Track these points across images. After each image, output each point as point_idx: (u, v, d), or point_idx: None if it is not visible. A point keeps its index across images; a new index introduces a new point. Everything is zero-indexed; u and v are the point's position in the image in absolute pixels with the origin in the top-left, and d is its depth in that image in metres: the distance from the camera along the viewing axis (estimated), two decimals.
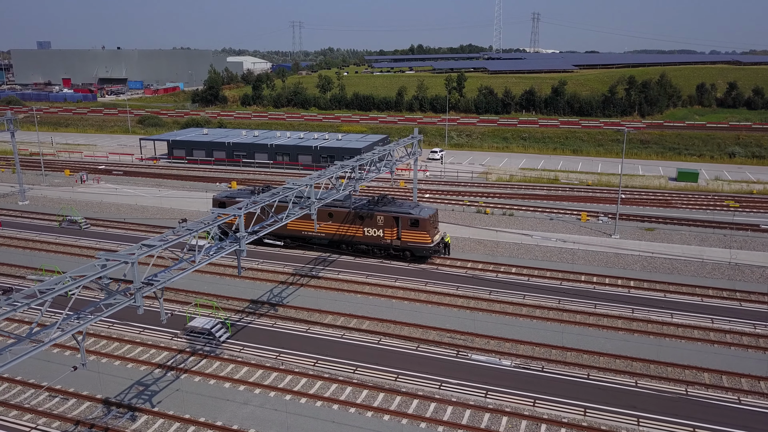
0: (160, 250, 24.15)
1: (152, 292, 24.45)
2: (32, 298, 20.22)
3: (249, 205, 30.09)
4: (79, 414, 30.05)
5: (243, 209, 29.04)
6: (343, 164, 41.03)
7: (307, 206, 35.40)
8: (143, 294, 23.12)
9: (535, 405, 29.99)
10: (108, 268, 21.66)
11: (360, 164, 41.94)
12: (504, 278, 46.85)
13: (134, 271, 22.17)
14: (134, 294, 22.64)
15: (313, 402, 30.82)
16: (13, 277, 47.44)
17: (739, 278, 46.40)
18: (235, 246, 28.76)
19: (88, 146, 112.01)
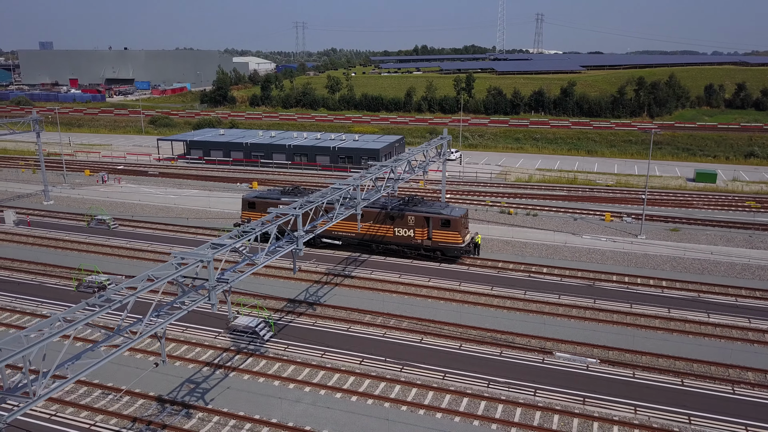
0: (229, 249, 24.50)
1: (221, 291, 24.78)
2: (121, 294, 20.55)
3: (304, 205, 30.41)
4: (134, 411, 30.44)
5: (300, 209, 29.34)
6: (383, 165, 41.43)
7: (353, 206, 35.79)
8: (216, 292, 23.47)
9: (585, 403, 30.36)
10: (185, 267, 22.04)
11: (398, 164, 42.30)
12: (536, 278, 47.24)
13: (210, 269, 22.55)
14: (209, 292, 22.99)
15: (364, 400, 31.20)
16: (49, 276, 47.84)
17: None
18: (292, 246, 29.06)
19: (103, 146, 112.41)
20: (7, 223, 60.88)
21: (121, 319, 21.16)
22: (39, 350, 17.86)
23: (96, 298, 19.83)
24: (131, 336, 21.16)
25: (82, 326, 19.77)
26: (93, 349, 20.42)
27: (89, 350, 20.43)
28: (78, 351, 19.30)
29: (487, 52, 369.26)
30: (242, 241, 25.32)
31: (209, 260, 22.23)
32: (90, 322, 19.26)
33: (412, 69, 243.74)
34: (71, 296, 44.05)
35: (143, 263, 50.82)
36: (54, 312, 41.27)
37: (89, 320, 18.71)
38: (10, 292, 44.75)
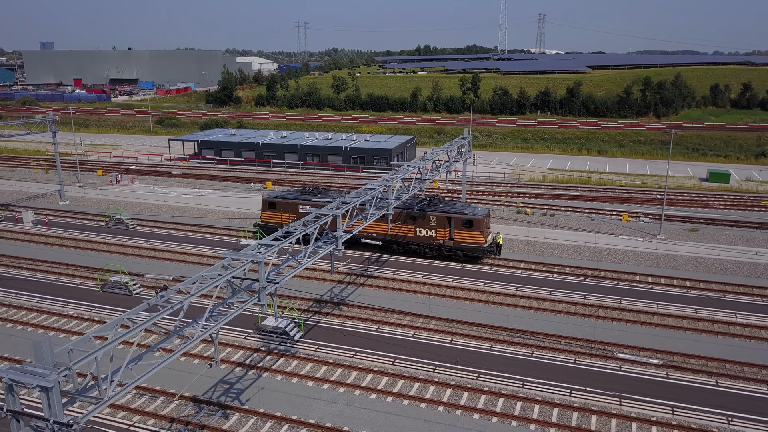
0: (276, 249, 24.50)
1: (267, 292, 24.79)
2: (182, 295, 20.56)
3: (342, 205, 30.42)
4: (170, 412, 30.45)
5: (339, 210, 29.35)
6: (411, 165, 41.45)
7: (385, 207, 35.81)
8: (267, 292, 23.48)
9: (621, 404, 30.37)
10: (238, 268, 22.03)
11: (424, 165, 42.31)
12: (560, 278, 47.26)
13: (261, 270, 22.54)
14: (259, 293, 22.99)
15: (400, 401, 31.21)
16: (72, 276, 47.85)
17: None
18: (331, 246, 29.07)
19: (113, 146, 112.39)
20: (25, 223, 60.88)
21: (176, 322, 21.10)
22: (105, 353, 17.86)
23: (157, 299, 19.79)
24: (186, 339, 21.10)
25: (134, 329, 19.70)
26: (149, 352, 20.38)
27: (148, 352, 20.40)
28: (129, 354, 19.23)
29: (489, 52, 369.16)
30: (288, 241, 25.27)
31: (261, 261, 22.22)
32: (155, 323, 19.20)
33: (416, 69, 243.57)
34: (96, 296, 44.06)
35: (165, 263, 50.82)
36: (80, 312, 41.30)
37: (154, 321, 18.65)
38: (34, 292, 44.76)
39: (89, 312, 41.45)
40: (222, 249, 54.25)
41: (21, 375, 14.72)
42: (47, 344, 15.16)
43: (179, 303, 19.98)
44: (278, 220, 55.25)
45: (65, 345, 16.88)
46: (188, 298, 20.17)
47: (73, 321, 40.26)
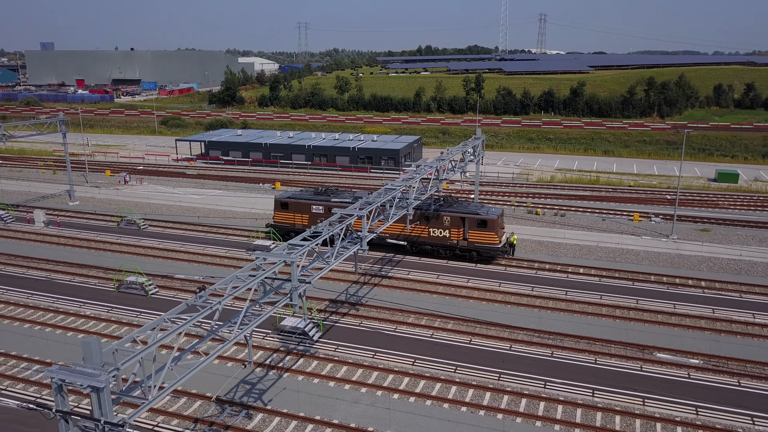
0: (306, 250, 24.48)
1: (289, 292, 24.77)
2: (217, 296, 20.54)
3: (365, 205, 30.40)
4: (193, 412, 30.42)
5: (364, 210, 29.33)
6: (429, 165, 41.44)
7: (405, 207, 35.80)
8: (298, 292, 23.46)
9: (644, 404, 30.37)
10: (271, 269, 22.01)
11: (441, 165, 42.32)
12: (574, 279, 47.26)
13: (293, 270, 22.52)
14: (290, 293, 22.97)
15: (423, 401, 31.19)
16: (86, 276, 47.83)
17: None
18: (356, 246, 29.05)
19: (118, 147, 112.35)
20: (36, 223, 60.85)
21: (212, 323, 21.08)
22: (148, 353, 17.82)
23: (195, 299, 19.77)
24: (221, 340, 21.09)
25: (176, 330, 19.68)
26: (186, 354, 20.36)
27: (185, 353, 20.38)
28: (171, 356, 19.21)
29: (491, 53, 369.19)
30: (317, 241, 25.26)
31: (293, 261, 22.21)
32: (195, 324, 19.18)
33: (419, 69, 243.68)
34: (112, 297, 44.05)
35: (178, 264, 50.78)
36: (97, 313, 41.27)
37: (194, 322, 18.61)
38: (50, 292, 44.74)
39: (106, 312, 41.43)
40: (235, 249, 54.27)
41: (71, 375, 14.70)
42: (96, 344, 15.15)
43: (217, 303, 19.95)
44: (291, 220, 55.24)
45: (110, 345, 16.85)
46: (224, 299, 20.20)
47: (90, 321, 40.23)
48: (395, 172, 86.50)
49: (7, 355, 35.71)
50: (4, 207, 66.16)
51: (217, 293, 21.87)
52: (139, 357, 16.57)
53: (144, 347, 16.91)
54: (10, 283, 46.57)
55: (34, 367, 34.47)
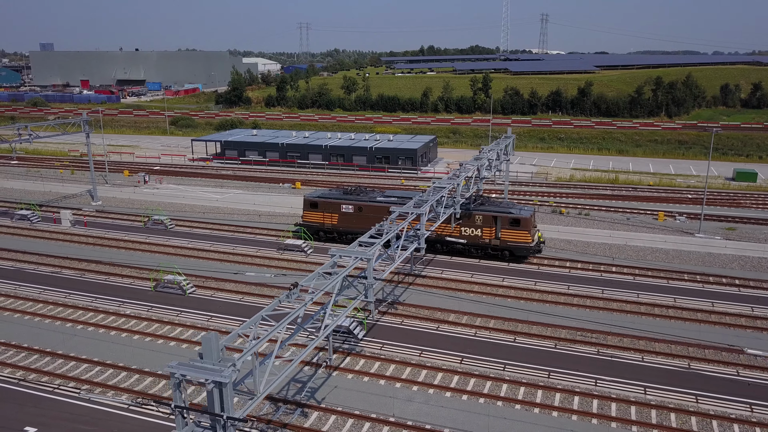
0: (378, 247, 24.58)
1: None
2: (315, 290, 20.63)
3: (422, 204, 30.50)
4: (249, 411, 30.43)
5: (422, 208, 29.44)
6: (471, 164, 41.56)
7: (452, 206, 35.91)
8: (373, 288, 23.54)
9: (698, 402, 30.51)
10: (352, 264, 22.10)
11: (481, 165, 42.46)
12: (609, 277, 47.42)
13: (369, 267, 22.63)
14: (366, 289, 23.07)
15: (475, 399, 31.29)
16: (120, 276, 47.89)
17: None
18: (414, 245, 29.16)
19: (132, 147, 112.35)
20: (63, 223, 60.87)
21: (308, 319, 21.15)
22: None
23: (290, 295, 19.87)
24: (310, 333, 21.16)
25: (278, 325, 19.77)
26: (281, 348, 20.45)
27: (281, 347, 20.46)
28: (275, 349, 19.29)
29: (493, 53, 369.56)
30: (385, 239, 25.37)
31: (370, 258, 22.32)
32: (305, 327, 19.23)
33: (425, 69, 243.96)
34: (149, 296, 44.13)
35: (209, 263, 50.80)
36: (138, 312, 41.33)
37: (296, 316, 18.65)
38: (86, 291, 44.78)
39: (146, 311, 41.50)
40: (265, 249, 54.35)
41: (192, 371, 14.78)
42: (216, 340, 15.23)
43: (310, 299, 20.05)
44: (320, 219, 55.34)
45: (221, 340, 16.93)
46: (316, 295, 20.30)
47: (132, 320, 40.29)
48: (413, 171, 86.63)
49: (54, 354, 35.75)
50: (30, 207, 66.17)
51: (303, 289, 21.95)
52: (251, 352, 16.65)
53: (255, 342, 16.99)
54: (46, 282, 46.63)
55: (83, 366, 34.50)
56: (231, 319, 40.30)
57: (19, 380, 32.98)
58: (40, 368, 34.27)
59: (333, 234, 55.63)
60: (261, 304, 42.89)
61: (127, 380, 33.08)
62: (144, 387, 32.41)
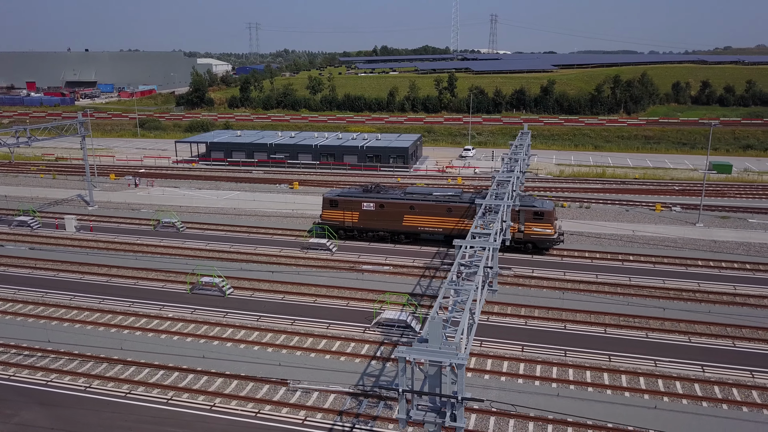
0: (493, 238, 25.29)
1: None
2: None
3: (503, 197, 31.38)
4: (330, 406, 30.64)
5: (507, 201, 30.31)
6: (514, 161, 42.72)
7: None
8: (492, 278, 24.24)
9: (754, 377, 32.59)
10: (486, 254, 22.73)
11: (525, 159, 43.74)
12: (630, 266, 49.54)
13: (496, 256, 23.33)
14: (492, 277, 23.75)
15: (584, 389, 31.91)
16: (148, 280, 46.88)
17: None
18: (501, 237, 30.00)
19: (106, 150, 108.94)
20: (68, 229, 58.86)
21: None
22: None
23: (456, 281, 20.33)
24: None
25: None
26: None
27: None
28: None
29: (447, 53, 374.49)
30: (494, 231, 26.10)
31: (496, 247, 23.04)
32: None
33: (387, 69, 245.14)
34: (187, 298, 43.48)
35: (235, 264, 50.23)
36: (182, 315, 40.67)
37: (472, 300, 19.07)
38: (119, 296, 43.70)
39: (190, 314, 40.89)
40: (287, 248, 54.17)
41: (426, 355, 15.12)
42: (439, 324, 15.61)
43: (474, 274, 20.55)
44: (340, 218, 55.53)
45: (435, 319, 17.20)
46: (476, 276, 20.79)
47: (179, 323, 39.64)
48: (405, 169, 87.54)
49: (124, 362, 34.88)
50: (30, 212, 63.56)
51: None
52: (463, 328, 17.05)
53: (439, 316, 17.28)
54: (74, 288, 45.20)
55: (161, 372, 33.82)
56: (280, 318, 40.19)
57: (86, 387, 32.12)
58: (101, 374, 33.40)
59: (353, 232, 55.93)
60: (303, 303, 42.87)
61: (197, 382, 32.67)
62: (217, 387, 32.12)
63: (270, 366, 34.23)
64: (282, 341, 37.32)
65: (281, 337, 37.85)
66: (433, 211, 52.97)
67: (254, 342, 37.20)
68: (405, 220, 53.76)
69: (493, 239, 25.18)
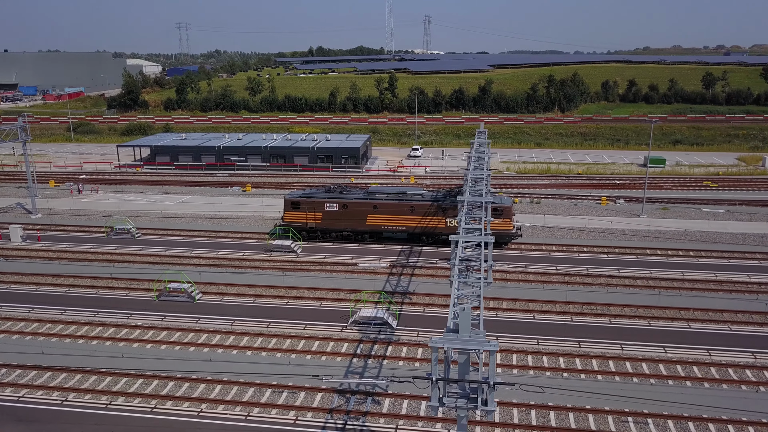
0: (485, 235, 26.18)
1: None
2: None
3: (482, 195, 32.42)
4: (319, 405, 30.86)
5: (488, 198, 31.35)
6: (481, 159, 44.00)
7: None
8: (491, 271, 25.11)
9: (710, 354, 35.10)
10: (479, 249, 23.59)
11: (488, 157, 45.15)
12: (585, 256, 51.94)
13: (490, 251, 24.22)
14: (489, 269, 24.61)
15: (559, 374, 33.28)
16: (116, 289, 45.48)
17: None
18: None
19: (39, 156, 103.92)
20: (13, 239, 56.11)
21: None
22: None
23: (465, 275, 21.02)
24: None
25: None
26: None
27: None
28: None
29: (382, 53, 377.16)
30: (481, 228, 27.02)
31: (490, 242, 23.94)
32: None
33: (326, 70, 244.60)
34: (155, 305, 42.54)
35: (199, 269, 49.42)
36: (151, 322, 39.76)
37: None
38: (82, 306, 42.23)
39: (160, 321, 40.05)
40: (252, 251, 53.69)
41: (459, 343, 15.69)
42: (468, 314, 16.20)
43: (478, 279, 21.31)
44: (303, 219, 55.48)
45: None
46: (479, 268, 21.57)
47: (149, 331, 38.71)
48: (357, 169, 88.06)
49: (99, 373, 33.78)
50: None
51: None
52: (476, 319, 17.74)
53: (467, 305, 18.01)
54: (30, 300, 43.31)
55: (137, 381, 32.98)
56: (254, 321, 39.97)
57: (62, 401, 31.03)
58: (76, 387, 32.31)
59: (317, 233, 56.01)
60: (276, 305, 42.74)
61: (178, 389, 32.18)
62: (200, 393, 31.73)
63: (251, 369, 34.05)
64: (260, 344, 37.16)
65: (258, 339, 37.68)
66: (397, 209, 53.78)
67: (231, 346, 36.88)
68: (369, 220, 54.32)
69: (484, 234, 26.18)
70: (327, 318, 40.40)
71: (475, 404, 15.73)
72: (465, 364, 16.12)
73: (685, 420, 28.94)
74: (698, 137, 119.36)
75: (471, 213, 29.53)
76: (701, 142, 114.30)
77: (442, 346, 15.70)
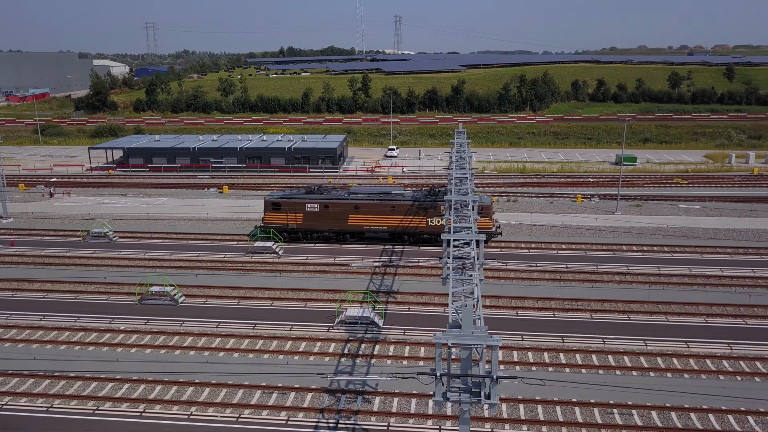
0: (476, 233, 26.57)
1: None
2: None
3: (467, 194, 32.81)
4: (309, 405, 30.93)
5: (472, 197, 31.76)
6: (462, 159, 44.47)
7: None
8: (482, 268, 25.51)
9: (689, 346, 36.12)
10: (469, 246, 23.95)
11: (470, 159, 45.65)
12: (564, 253, 52.89)
13: (482, 247, 24.56)
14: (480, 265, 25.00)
15: (545, 369, 33.86)
16: (96, 293, 44.78)
17: (742, 238, 56.53)
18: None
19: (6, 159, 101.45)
20: None
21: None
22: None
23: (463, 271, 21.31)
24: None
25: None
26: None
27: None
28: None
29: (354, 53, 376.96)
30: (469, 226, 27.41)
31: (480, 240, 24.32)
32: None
33: (298, 70, 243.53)
34: (137, 309, 42.02)
35: (180, 272, 48.95)
36: (135, 326, 39.31)
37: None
38: (63, 312, 41.51)
39: (144, 325, 39.61)
40: (232, 253, 53.37)
41: (462, 339, 15.94)
42: (470, 310, 16.48)
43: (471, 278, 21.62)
44: (284, 220, 55.33)
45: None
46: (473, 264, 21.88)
47: (133, 335, 38.27)
48: (335, 170, 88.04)
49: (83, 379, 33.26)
50: None
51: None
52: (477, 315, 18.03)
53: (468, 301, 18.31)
54: (7, 306, 42.39)
55: (124, 386, 32.56)
56: (239, 323, 39.81)
57: (47, 408, 30.51)
58: (60, 393, 31.81)
59: (298, 234, 55.91)
60: (260, 306, 42.62)
61: (167, 393, 31.90)
62: (189, 396, 31.52)
63: (239, 370, 33.94)
64: (246, 346, 37.03)
65: (245, 341, 37.53)
66: (378, 209, 54.02)
67: (218, 348, 36.67)
68: (350, 220, 54.44)
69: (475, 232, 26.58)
70: (312, 318, 40.44)
71: (478, 398, 16.07)
72: (468, 359, 16.44)
73: (667, 410, 29.76)
74: (666, 135, 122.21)
75: (459, 212, 29.91)
76: (669, 140, 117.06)
77: (447, 342, 16.00)
